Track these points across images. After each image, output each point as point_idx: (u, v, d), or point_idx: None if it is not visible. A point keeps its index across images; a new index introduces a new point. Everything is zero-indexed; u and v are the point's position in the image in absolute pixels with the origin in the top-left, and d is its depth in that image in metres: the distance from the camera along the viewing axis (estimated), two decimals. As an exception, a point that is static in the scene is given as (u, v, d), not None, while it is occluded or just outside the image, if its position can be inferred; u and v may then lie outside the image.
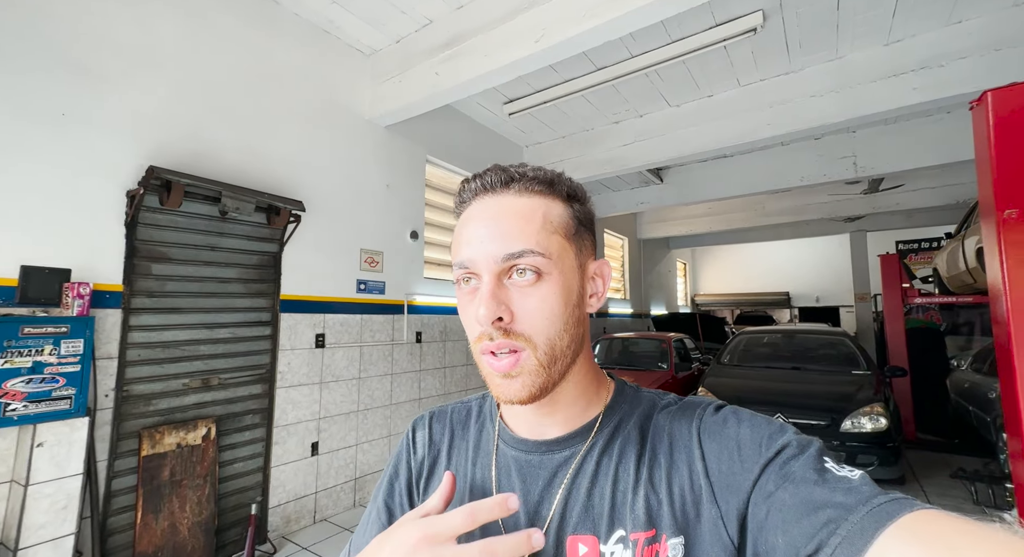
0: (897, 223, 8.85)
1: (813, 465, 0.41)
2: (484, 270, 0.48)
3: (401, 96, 3.50)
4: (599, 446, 0.53)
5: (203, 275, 2.64)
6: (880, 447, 3.41)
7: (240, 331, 2.80)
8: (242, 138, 2.86)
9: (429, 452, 0.61)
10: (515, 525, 0.51)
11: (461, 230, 0.52)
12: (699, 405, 0.53)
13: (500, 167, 0.52)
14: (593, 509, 0.49)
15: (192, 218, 2.56)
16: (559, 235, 0.51)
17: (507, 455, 0.56)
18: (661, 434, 0.52)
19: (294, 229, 3.06)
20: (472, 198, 0.53)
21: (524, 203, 0.50)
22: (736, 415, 0.49)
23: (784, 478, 0.41)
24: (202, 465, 2.50)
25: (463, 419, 0.63)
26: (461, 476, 0.58)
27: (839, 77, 3.68)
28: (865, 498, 0.37)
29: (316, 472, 3.19)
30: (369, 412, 3.61)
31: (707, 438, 0.49)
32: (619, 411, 0.55)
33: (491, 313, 0.47)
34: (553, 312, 0.49)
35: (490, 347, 0.48)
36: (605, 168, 5.02)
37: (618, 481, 0.50)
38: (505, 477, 0.55)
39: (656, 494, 0.48)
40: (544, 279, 0.49)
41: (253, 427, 2.83)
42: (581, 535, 0.48)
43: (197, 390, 2.58)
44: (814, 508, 0.38)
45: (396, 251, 3.96)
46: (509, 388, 0.48)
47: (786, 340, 5.30)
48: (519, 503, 0.45)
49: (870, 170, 5.17)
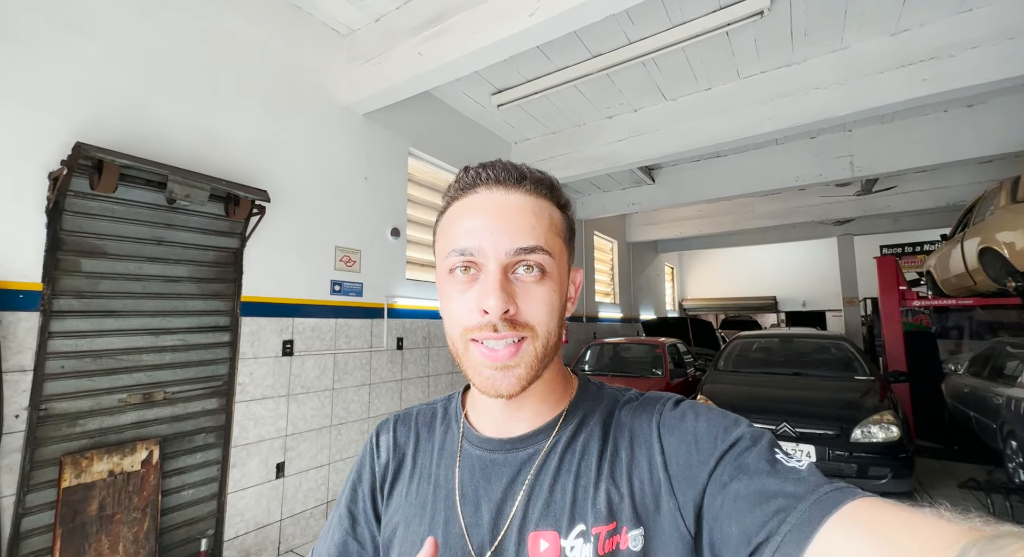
0: (884, 227, 8.86)
1: (765, 456, 0.43)
2: (492, 261, 0.48)
3: (381, 80, 3.20)
4: (562, 442, 0.53)
5: (147, 273, 2.28)
6: (893, 458, 3.21)
7: (192, 337, 2.45)
8: (196, 118, 2.52)
9: (394, 456, 0.61)
10: (477, 524, 0.51)
11: (462, 218, 0.51)
12: (659, 400, 0.54)
13: (510, 163, 0.52)
14: (555, 504, 0.49)
15: (132, 206, 2.21)
16: (560, 238, 0.53)
17: (471, 455, 0.56)
18: (623, 429, 0.53)
19: (258, 222, 2.72)
20: (478, 187, 0.52)
21: (534, 202, 0.51)
22: (694, 410, 0.51)
23: (738, 469, 0.43)
24: (141, 495, 2.13)
25: (428, 421, 0.63)
26: (427, 478, 0.57)
27: (844, 69, 3.52)
28: (812, 487, 0.38)
29: (282, 497, 2.83)
30: (344, 427, 3.26)
31: (666, 432, 0.50)
32: (582, 407, 0.56)
33: (502, 305, 0.47)
34: (552, 307, 0.50)
35: (490, 336, 0.48)
36: (597, 165, 4.79)
37: (580, 476, 0.50)
38: (469, 477, 0.54)
39: (617, 488, 0.48)
40: (547, 277, 0.50)
41: (206, 448, 2.47)
42: (542, 531, 0.48)
43: (137, 406, 2.21)
44: (765, 498, 0.39)
45: (375, 250, 3.63)
46: (503, 380, 0.48)
47: (784, 345, 5.13)
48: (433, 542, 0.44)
49: (867, 170, 5.05)
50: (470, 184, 0.52)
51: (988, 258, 4.16)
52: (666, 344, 5.72)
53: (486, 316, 0.47)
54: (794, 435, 3.43)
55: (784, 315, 12.55)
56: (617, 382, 2.98)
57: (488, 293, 0.47)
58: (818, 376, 4.34)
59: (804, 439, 3.40)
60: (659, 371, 5.24)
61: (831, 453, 3.30)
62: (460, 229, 0.50)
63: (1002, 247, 3.83)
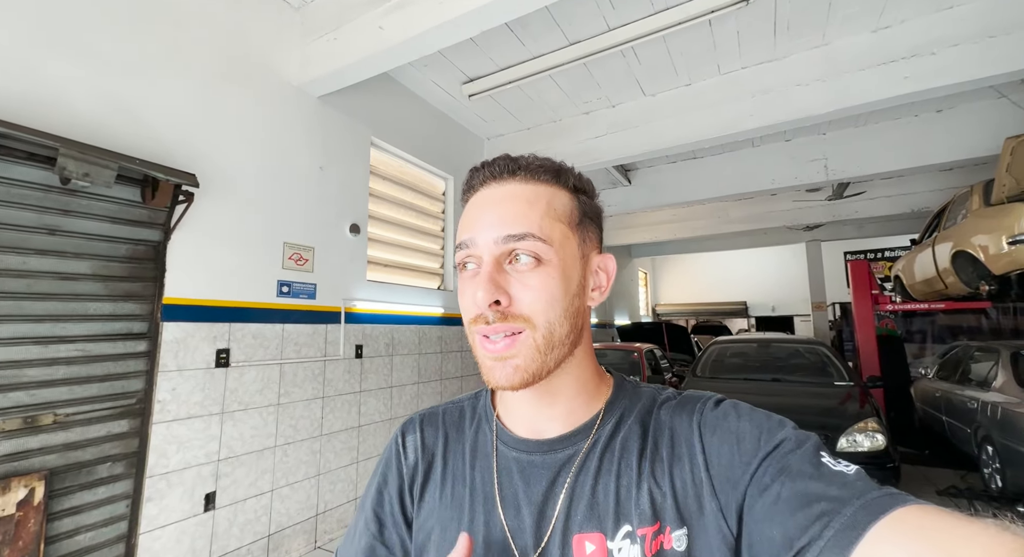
0: (848, 233, 9.07)
1: (810, 459, 0.42)
2: (484, 252, 0.49)
3: (336, 57, 2.86)
4: (601, 443, 0.52)
5: (33, 269, 1.86)
6: (879, 468, 3.08)
7: (96, 347, 2.03)
8: (105, 85, 2.12)
9: (423, 457, 0.59)
10: (520, 528, 0.50)
11: (464, 216, 0.53)
12: (699, 399, 0.53)
13: (509, 156, 0.53)
14: (598, 506, 0.49)
15: (12, 185, 1.80)
16: (562, 223, 0.51)
17: (507, 456, 0.55)
18: (662, 428, 0.52)
19: (184, 211, 2.33)
20: (479, 186, 0.53)
21: (529, 189, 0.51)
22: (736, 409, 0.50)
23: (781, 472, 0.41)
24: (15, 546, 1.70)
25: (456, 421, 0.61)
26: (461, 480, 0.56)
27: (825, 65, 3.43)
28: (859, 492, 0.37)
29: (211, 533, 2.41)
30: (291, 446, 2.87)
31: (707, 432, 0.49)
32: (620, 406, 0.55)
33: (488, 296, 0.47)
34: (553, 297, 0.48)
35: (485, 330, 0.48)
36: (574, 162, 4.53)
37: (621, 476, 0.49)
38: (507, 479, 0.53)
39: (659, 488, 0.48)
40: (544, 265, 0.49)
41: (111, 480, 2.05)
42: (587, 533, 0.47)
43: (14, 433, 1.79)
44: (809, 501, 0.38)
45: (331, 247, 3.27)
46: (502, 371, 0.48)
47: (762, 350, 5.03)
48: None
49: (840, 173, 5.05)
50: (471, 184, 0.54)
51: (961, 262, 4.17)
52: (643, 350, 5.55)
53: (478, 308, 0.48)
54: (779, 445, 3.26)
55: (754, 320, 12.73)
56: None
57: (477, 285, 0.48)
58: (798, 382, 4.23)
59: (789, 449, 3.23)
60: (636, 377, 5.04)
61: (817, 464, 3.14)
62: (463, 223, 0.52)
63: (977, 250, 3.82)
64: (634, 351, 5.58)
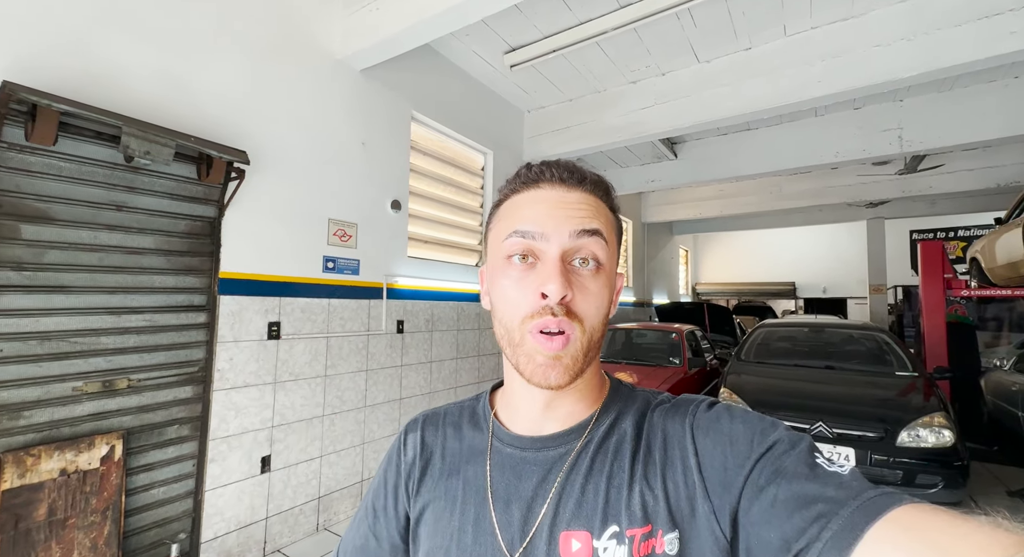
0: (918, 210, 8.32)
1: (805, 460, 0.42)
2: (554, 246, 0.49)
3: (379, 28, 2.80)
4: (595, 443, 0.53)
5: (104, 243, 1.97)
6: (945, 466, 2.87)
7: (161, 318, 2.15)
8: (159, 62, 2.16)
9: (422, 454, 0.61)
10: (508, 522, 0.51)
11: (525, 206, 0.52)
12: (692, 402, 0.54)
13: (572, 163, 0.54)
14: (587, 505, 0.49)
15: (83, 164, 1.88)
16: (614, 237, 0.54)
17: (502, 452, 0.56)
18: (656, 431, 0.52)
19: (237, 188, 2.39)
20: (541, 183, 0.53)
21: (593, 200, 0.53)
22: (729, 411, 0.50)
23: (776, 474, 0.41)
24: (100, 496, 1.88)
25: (456, 421, 0.63)
26: (456, 475, 0.57)
27: (912, 21, 3.04)
28: (856, 493, 0.37)
29: (267, 493, 2.58)
30: (338, 416, 2.99)
31: (700, 435, 0.49)
32: (615, 408, 0.56)
33: (562, 288, 0.47)
34: (602, 303, 0.50)
35: (548, 324, 0.47)
36: (619, 135, 4.36)
37: (612, 477, 0.50)
38: (499, 474, 0.54)
39: (651, 490, 0.48)
40: (601, 271, 0.51)
41: (179, 441, 2.21)
42: (574, 531, 0.48)
43: (96, 396, 1.94)
44: (806, 503, 0.38)
45: (373, 224, 3.30)
46: (553, 370, 0.48)
47: (813, 335, 4.76)
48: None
49: (917, 145, 4.56)
50: (534, 179, 0.54)
51: (1056, 244, 3.72)
52: (684, 331, 5.38)
53: (544, 300, 0.47)
54: (831, 436, 3.10)
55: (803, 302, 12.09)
56: (631, 370, 2.64)
57: (549, 277, 0.47)
58: (855, 371, 3.98)
59: (842, 441, 3.07)
60: (676, 360, 4.92)
61: (873, 458, 2.97)
62: (523, 214, 0.51)
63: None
64: (674, 332, 5.42)
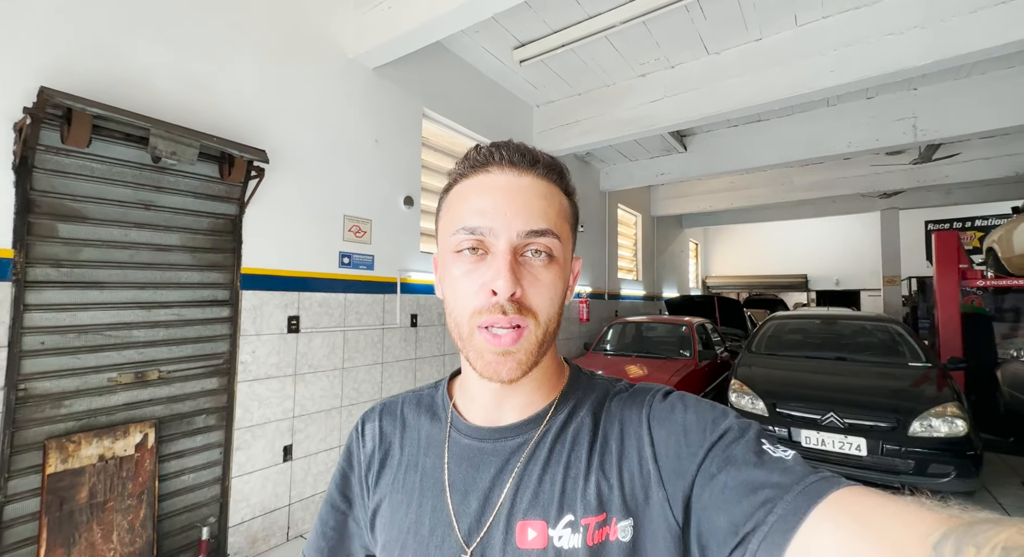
0: (933, 200, 8.19)
1: (752, 448, 0.43)
2: (503, 241, 0.47)
3: (392, 26, 2.85)
4: (552, 432, 0.53)
5: (134, 240, 2.06)
6: (958, 456, 2.88)
7: (188, 312, 2.24)
8: (182, 64, 2.24)
9: (380, 445, 0.60)
10: (465, 513, 0.51)
11: (472, 196, 0.50)
12: (649, 391, 0.54)
13: (523, 145, 0.52)
14: (543, 495, 0.49)
15: (114, 165, 1.97)
16: (567, 225, 0.52)
17: (460, 444, 0.55)
18: (613, 420, 0.53)
19: (257, 186, 2.47)
20: (490, 166, 0.51)
21: (545, 186, 0.51)
22: (683, 401, 0.51)
23: (726, 461, 0.43)
24: (136, 481, 1.97)
25: (414, 410, 0.62)
26: (414, 467, 0.56)
27: (926, 8, 3.01)
28: (799, 477, 0.39)
29: (290, 480, 2.68)
30: (355, 408, 3.08)
31: (656, 424, 0.50)
32: (573, 397, 0.55)
33: (511, 286, 0.46)
34: (556, 294, 0.50)
35: (496, 321, 0.47)
36: (628, 129, 4.37)
37: (570, 467, 0.50)
38: (457, 466, 0.54)
39: (607, 479, 0.48)
40: (554, 263, 0.49)
41: (207, 430, 2.30)
42: (530, 520, 0.48)
43: (129, 386, 2.03)
44: (753, 489, 0.39)
45: (387, 219, 3.36)
46: (504, 365, 0.47)
47: (825, 326, 4.75)
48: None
49: (932, 134, 4.51)
50: (482, 162, 0.51)
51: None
52: (694, 324, 5.39)
53: (494, 297, 0.47)
54: (842, 426, 3.12)
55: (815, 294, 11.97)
56: (642, 363, 2.67)
57: (498, 274, 0.46)
58: (866, 362, 3.97)
59: (854, 431, 3.08)
60: (687, 352, 4.94)
61: (884, 447, 2.98)
62: (470, 207, 0.49)
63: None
64: (684, 325, 5.44)
